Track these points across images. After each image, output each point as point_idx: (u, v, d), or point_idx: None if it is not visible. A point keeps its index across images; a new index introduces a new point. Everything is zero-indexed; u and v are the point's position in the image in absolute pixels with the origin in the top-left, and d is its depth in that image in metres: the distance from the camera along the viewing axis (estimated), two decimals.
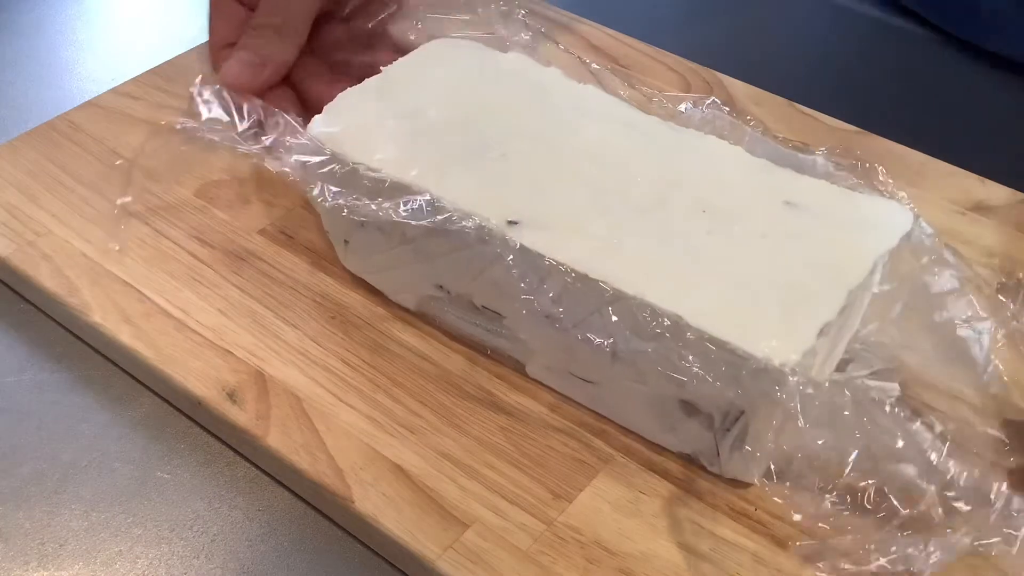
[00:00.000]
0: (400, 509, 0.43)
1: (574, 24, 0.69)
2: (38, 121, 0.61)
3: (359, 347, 0.49)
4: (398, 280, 0.50)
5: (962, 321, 0.46)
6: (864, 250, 0.44)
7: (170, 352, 0.48)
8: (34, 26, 0.74)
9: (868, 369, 0.46)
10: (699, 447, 0.44)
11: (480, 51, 0.54)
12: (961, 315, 0.46)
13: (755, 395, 0.40)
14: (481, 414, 0.47)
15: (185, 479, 0.46)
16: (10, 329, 0.52)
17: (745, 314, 0.41)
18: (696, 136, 0.50)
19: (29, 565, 0.43)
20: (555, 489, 0.44)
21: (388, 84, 0.52)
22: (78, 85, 0.69)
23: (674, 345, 0.41)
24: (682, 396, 0.43)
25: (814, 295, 0.42)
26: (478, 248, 0.45)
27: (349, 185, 0.47)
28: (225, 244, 0.54)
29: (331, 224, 0.51)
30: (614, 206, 0.45)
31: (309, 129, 0.49)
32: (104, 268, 0.52)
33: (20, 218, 0.55)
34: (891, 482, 0.41)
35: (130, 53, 0.72)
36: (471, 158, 0.47)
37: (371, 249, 0.49)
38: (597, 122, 0.50)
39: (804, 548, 0.41)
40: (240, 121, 0.50)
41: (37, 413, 0.49)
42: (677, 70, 0.66)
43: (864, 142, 0.61)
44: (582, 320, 0.44)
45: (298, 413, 0.46)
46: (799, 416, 0.39)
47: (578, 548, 0.42)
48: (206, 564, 0.43)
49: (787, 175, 0.47)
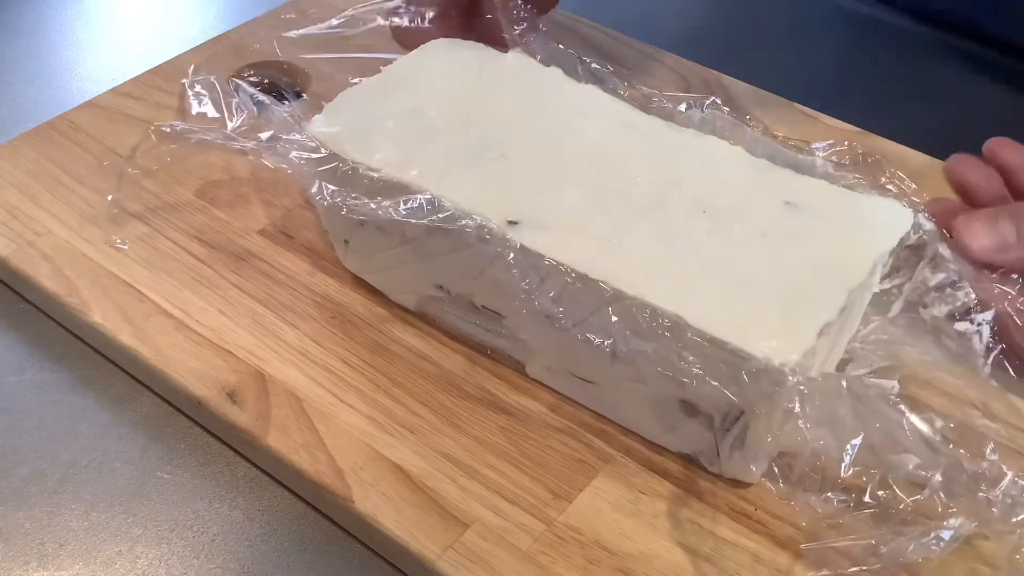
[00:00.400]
0: (400, 509, 0.43)
1: (574, 24, 0.69)
2: (38, 121, 0.61)
3: (359, 347, 0.49)
4: (398, 280, 0.50)
5: (961, 315, 0.47)
6: (864, 250, 0.44)
7: (170, 352, 0.48)
8: (34, 26, 0.74)
9: (867, 368, 0.46)
10: (699, 447, 0.44)
11: (481, 51, 0.54)
12: (961, 309, 0.46)
13: (755, 395, 0.40)
14: (481, 414, 0.47)
15: (185, 479, 0.46)
16: (10, 329, 0.52)
17: (745, 314, 0.41)
18: (696, 136, 0.50)
19: (29, 565, 0.43)
20: (555, 489, 0.44)
21: (389, 84, 0.52)
22: (78, 85, 0.69)
23: (674, 345, 0.41)
24: (682, 396, 0.43)
25: (814, 295, 0.42)
26: (478, 247, 0.45)
27: (349, 184, 0.47)
28: (225, 244, 0.54)
29: (331, 224, 0.51)
30: (614, 206, 0.45)
31: (309, 128, 0.49)
32: (104, 268, 0.52)
33: (20, 218, 0.55)
34: (894, 472, 0.41)
35: (130, 53, 0.72)
36: (471, 158, 0.47)
37: (371, 248, 0.49)
38: (597, 122, 0.50)
39: (810, 552, 0.41)
40: (231, 119, 0.50)
41: (37, 413, 0.49)
42: (677, 70, 0.66)
43: (864, 142, 0.61)
44: (582, 320, 0.44)
45: (298, 413, 0.46)
46: (799, 416, 0.39)
47: (578, 548, 0.42)
48: (206, 564, 0.43)
49: (787, 175, 0.47)
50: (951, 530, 0.39)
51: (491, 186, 0.46)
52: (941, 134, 0.63)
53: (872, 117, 0.62)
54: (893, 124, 0.62)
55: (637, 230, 0.44)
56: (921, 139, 0.60)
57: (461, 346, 0.49)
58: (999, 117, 0.68)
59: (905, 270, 0.46)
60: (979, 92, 0.70)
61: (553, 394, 0.48)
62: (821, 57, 0.73)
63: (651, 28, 0.72)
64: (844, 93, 0.69)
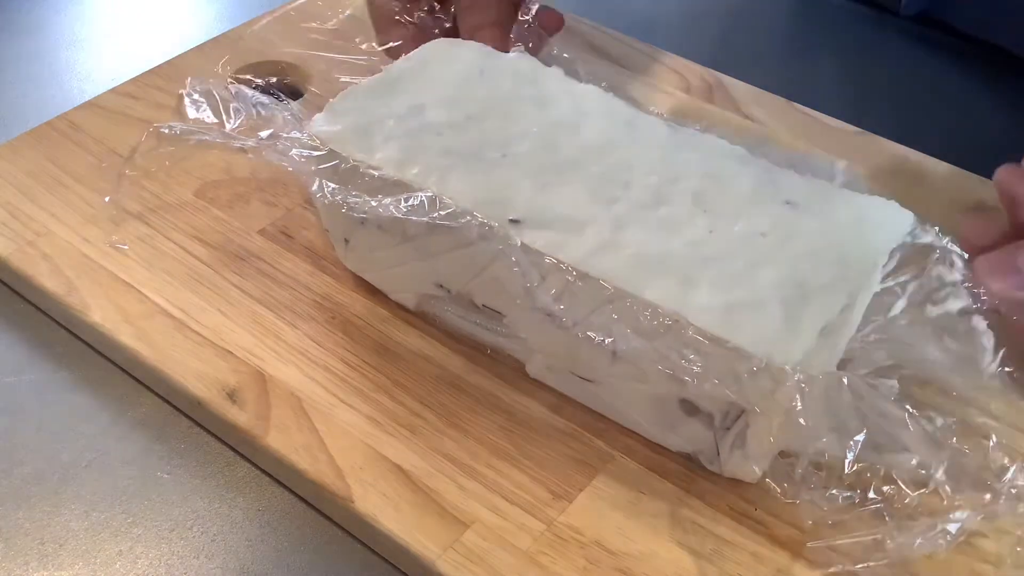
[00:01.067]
0: (400, 509, 0.43)
1: (574, 24, 0.69)
2: (38, 121, 0.61)
3: (359, 347, 0.49)
4: (398, 279, 0.50)
5: (964, 315, 0.46)
6: (865, 250, 0.44)
7: (170, 352, 0.48)
8: (34, 26, 0.74)
9: (867, 368, 0.46)
10: (699, 446, 0.44)
11: (481, 50, 0.54)
12: (964, 310, 0.46)
13: (755, 394, 0.40)
14: (481, 414, 0.47)
15: (185, 479, 0.46)
16: (10, 329, 0.52)
17: (745, 313, 0.41)
18: (696, 135, 0.50)
19: (29, 565, 0.43)
20: (555, 489, 0.44)
21: (390, 83, 0.52)
22: (78, 85, 0.69)
23: (674, 343, 0.41)
24: (682, 395, 0.43)
25: (815, 295, 0.42)
26: (479, 246, 0.45)
27: (349, 183, 0.48)
28: (225, 244, 0.54)
29: (331, 222, 0.51)
30: (615, 205, 0.45)
31: (310, 127, 0.49)
32: (104, 268, 0.52)
33: (20, 218, 0.55)
34: (897, 469, 0.41)
35: (130, 53, 0.72)
36: (472, 157, 0.47)
37: (371, 247, 0.49)
38: (598, 121, 0.50)
39: (815, 550, 0.41)
40: (229, 120, 0.50)
41: (37, 413, 0.49)
42: (677, 70, 0.66)
43: (864, 142, 0.61)
44: (582, 318, 0.44)
45: (298, 413, 0.46)
46: (799, 415, 0.39)
47: (578, 548, 0.42)
48: (206, 564, 0.43)
49: (788, 175, 0.47)
50: (957, 523, 0.39)
51: (492, 185, 0.46)
52: (941, 134, 0.63)
53: (872, 117, 0.62)
54: (893, 124, 0.62)
55: (638, 228, 0.44)
56: (921, 139, 0.60)
57: (461, 346, 0.49)
58: (999, 117, 0.68)
59: (908, 268, 0.46)
60: (979, 92, 0.69)
61: (553, 394, 0.48)
62: (821, 57, 0.73)
63: (651, 28, 0.72)
64: (844, 93, 0.69)
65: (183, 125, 0.51)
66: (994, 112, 0.68)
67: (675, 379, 0.42)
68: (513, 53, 0.54)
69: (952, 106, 0.69)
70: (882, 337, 0.46)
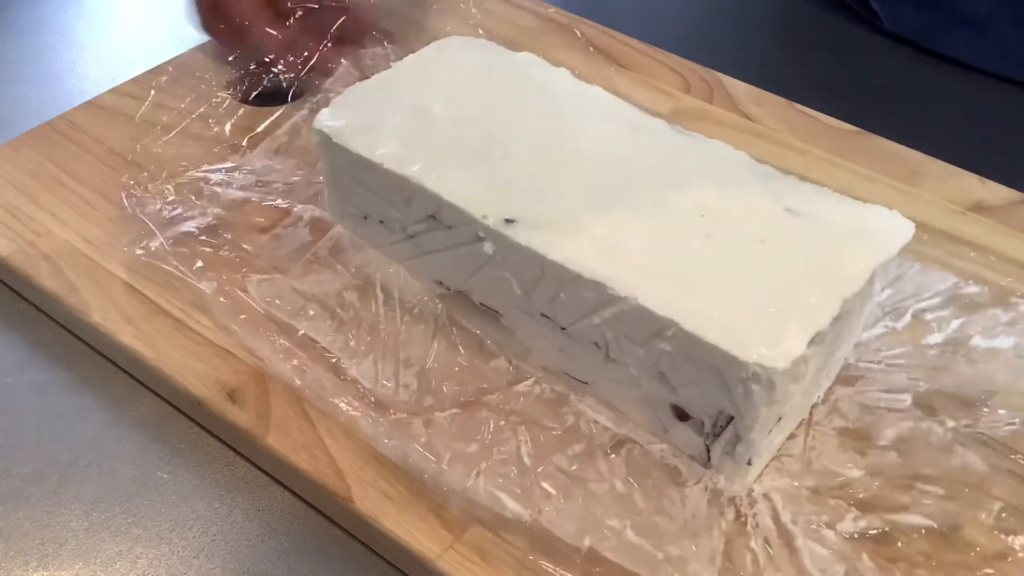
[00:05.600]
0: (400, 509, 0.43)
1: (574, 24, 0.69)
2: (38, 121, 0.61)
3: (359, 346, 0.49)
4: (399, 275, 0.50)
5: (980, 333, 0.47)
6: (863, 259, 0.43)
7: (170, 352, 0.48)
8: (34, 26, 0.74)
9: (877, 387, 0.46)
10: (692, 450, 0.44)
11: (491, 49, 0.54)
12: (981, 327, 0.46)
13: (743, 400, 0.40)
14: (481, 413, 0.47)
15: (185, 479, 0.46)
16: (10, 329, 0.52)
17: (737, 319, 0.40)
18: (700, 139, 0.49)
19: (29, 565, 0.43)
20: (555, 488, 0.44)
21: (397, 79, 0.52)
22: (78, 85, 0.69)
23: (666, 348, 0.41)
24: (673, 400, 0.43)
25: (808, 303, 0.41)
26: (475, 245, 0.45)
27: (352, 178, 0.47)
28: (225, 244, 0.53)
29: (332, 218, 0.51)
30: (613, 207, 0.45)
31: (315, 121, 0.49)
32: (104, 268, 0.52)
33: (20, 218, 0.55)
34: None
35: (130, 53, 0.72)
36: (474, 156, 0.47)
37: (373, 243, 0.50)
38: (602, 123, 0.50)
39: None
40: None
41: (37, 413, 0.49)
42: (677, 70, 0.66)
43: (864, 142, 0.61)
44: (576, 320, 0.44)
45: (298, 413, 0.46)
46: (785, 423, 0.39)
47: (577, 547, 0.42)
48: (206, 564, 0.43)
49: (789, 181, 0.47)
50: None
51: (491, 184, 0.46)
52: (940, 134, 0.63)
53: (872, 117, 0.62)
54: (893, 124, 0.62)
55: (635, 232, 0.44)
56: (921, 139, 0.60)
57: (461, 345, 0.49)
58: (999, 116, 0.68)
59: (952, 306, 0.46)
60: (979, 92, 0.69)
61: (553, 393, 0.48)
62: (821, 57, 0.73)
63: (651, 28, 0.72)
64: (844, 93, 0.69)
65: (182, 124, 0.50)
66: (994, 111, 0.68)
67: (666, 384, 0.42)
68: (524, 53, 0.54)
69: (952, 106, 0.69)
70: (910, 363, 0.46)
